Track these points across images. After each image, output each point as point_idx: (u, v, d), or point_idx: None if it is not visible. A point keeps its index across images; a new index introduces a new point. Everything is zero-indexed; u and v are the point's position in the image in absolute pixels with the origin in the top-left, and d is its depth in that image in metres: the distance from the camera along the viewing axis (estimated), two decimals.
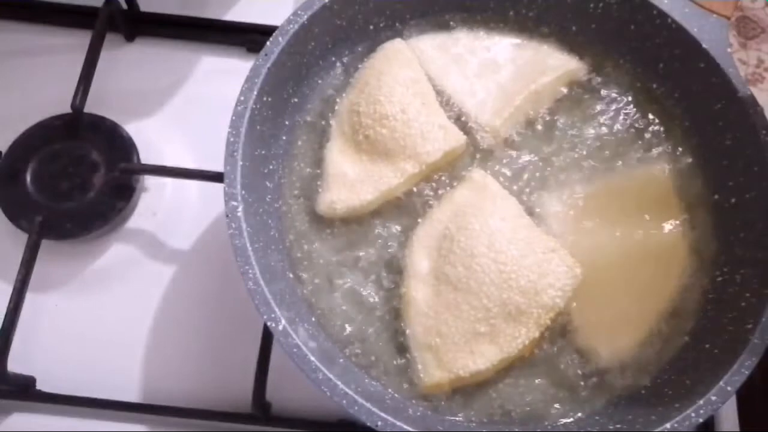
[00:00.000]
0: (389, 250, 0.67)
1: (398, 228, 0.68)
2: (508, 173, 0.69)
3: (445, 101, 0.70)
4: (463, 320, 0.60)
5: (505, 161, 0.70)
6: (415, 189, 0.68)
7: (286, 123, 0.70)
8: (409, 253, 0.64)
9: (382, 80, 0.68)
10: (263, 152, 0.66)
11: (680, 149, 0.71)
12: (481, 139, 0.70)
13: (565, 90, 0.73)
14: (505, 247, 0.61)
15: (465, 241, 0.62)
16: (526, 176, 0.69)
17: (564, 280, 0.61)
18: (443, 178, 0.69)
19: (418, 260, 0.63)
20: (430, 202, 0.68)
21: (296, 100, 0.71)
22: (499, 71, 0.71)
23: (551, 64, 0.72)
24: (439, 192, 0.68)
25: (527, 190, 0.69)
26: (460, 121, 0.70)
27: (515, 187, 0.69)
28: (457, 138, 0.67)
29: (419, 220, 0.67)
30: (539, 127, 0.72)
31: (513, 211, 0.65)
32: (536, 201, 0.68)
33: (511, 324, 0.60)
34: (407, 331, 0.63)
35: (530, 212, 0.67)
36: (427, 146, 0.66)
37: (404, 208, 0.68)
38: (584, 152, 0.71)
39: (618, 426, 0.59)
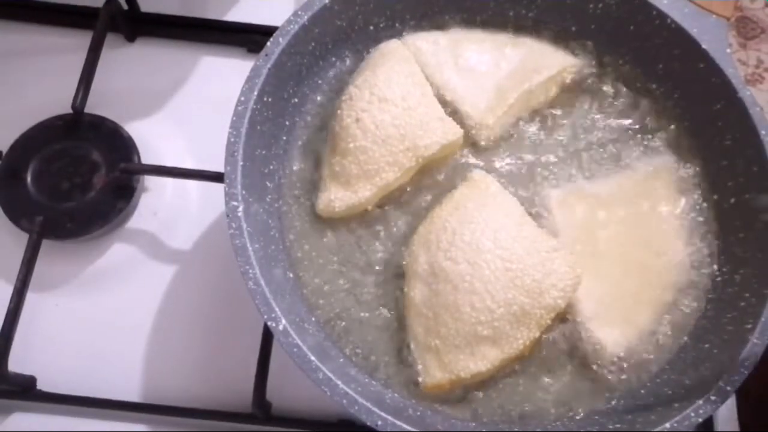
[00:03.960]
0: (389, 249, 0.67)
1: (398, 227, 0.68)
2: (504, 171, 0.70)
3: (442, 98, 0.70)
4: (464, 322, 0.60)
5: (501, 159, 0.70)
6: (414, 187, 0.68)
7: (287, 123, 0.71)
8: (409, 252, 0.64)
9: (378, 71, 0.67)
10: (263, 152, 0.66)
11: (680, 149, 0.71)
12: (475, 136, 0.70)
13: (563, 89, 0.73)
14: (510, 244, 0.61)
15: (470, 235, 0.61)
16: (522, 174, 0.70)
17: (566, 280, 0.61)
18: (441, 175, 0.69)
19: (417, 259, 0.63)
20: (430, 199, 0.68)
21: (296, 100, 0.71)
22: (495, 70, 0.71)
23: (547, 63, 0.72)
24: (439, 190, 0.69)
25: (525, 187, 0.69)
26: (455, 119, 0.70)
27: (512, 185, 0.69)
28: (455, 132, 0.67)
29: (419, 218, 0.67)
30: (536, 125, 0.72)
31: (515, 209, 0.64)
32: (535, 198, 0.68)
33: (514, 325, 0.60)
34: (408, 332, 0.63)
35: (530, 209, 0.67)
36: (425, 139, 0.65)
37: (404, 207, 0.68)
38: (583, 152, 0.71)
39: (618, 426, 0.59)
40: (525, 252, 0.61)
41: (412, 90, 0.67)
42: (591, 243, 0.65)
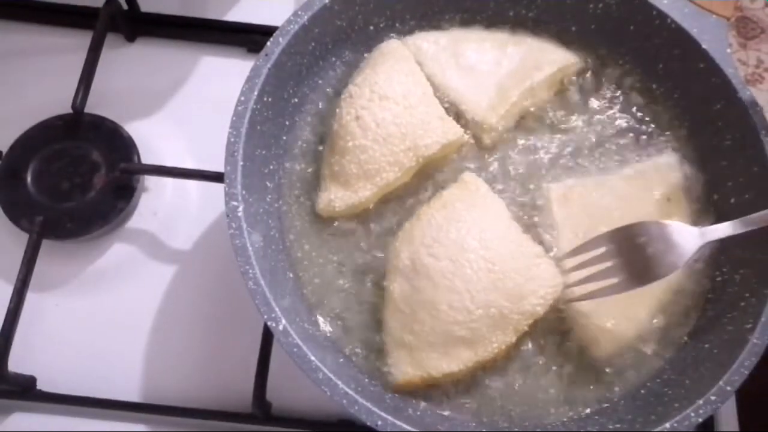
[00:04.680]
0: (389, 249, 0.67)
1: (398, 226, 0.67)
2: (505, 169, 0.70)
3: (443, 98, 0.70)
4: (441, 321, 0.59)
5: (502, 158, 0.70)
6: (414, 186, 0.68)
7: (286, 123, 0.71)
8: (392, 247, 0.64)
9: (378, 69, 0.67)
10: (263, 152, 0.66)
11: (680, 149, 0.71)
12: (478, 135, 0.70)
13: (563, 88, 0.73)
14: (495, 246, 0.60)
15: (455, 233, 0.61)
16: (523, 172, 0.70)
17: (547, 288, 0.61)
18: (442, 175, 0.69)
19: (399, 254, 0.63)
20: (430, 198, 0.68)
21: (296, 100, 0.71)
22: (496, 68, 0.71)
23: (548, 60, 0.72)
24: (439, 189, 0.68)
25: (525, 185, 0.69)
26: (458, 118, 0.70)
27: (512, 183, 0.69)
28: (455, 131, 0.67)
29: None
30: (538, 124, 0.72)
31: (503, 213, 0.64)
32: (535, 195, 0.68)
33: (491, 328, 0.59)
34: (383, 325, 0.63)
35: (530, 207, 0.67)
36: (426, 138, 0.65)
37: (404, 206, 0.68)
38: (583, 151, 0.71)
39: (618, 426, 0.59)
40: (509, 255, 0.60)
41: (413, 89, 0.67)
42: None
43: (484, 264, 0.59)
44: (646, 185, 0.68)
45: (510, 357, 0.63)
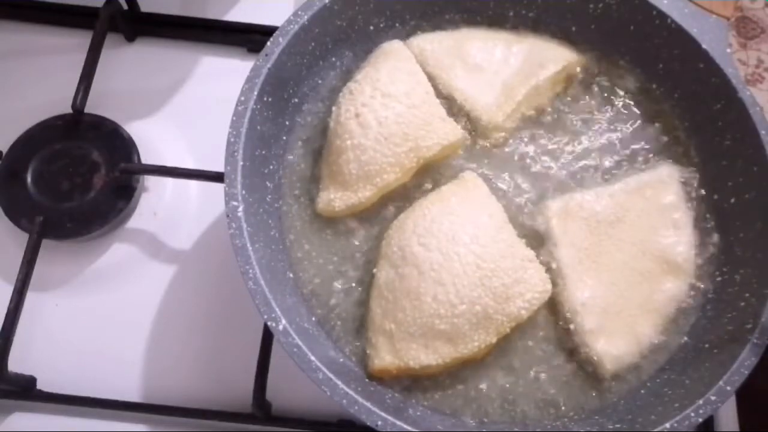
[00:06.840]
0: (383, 238, 0.66)
1: None
2: (509, 172, 0.70)
3: (448, 98, 0.70)
4: (422, 312, 0.59)
5: (506, 160, 0.70)
6: (415, 186, 0.68)
7: (287, 123, 0.71)
8: (386, 235, 0.64)
9: (380, 68, 0.67)
10: (263, 152, 0.66)
11: (680, 150, 0.71)
12: (484, 134, 0.70)
13: (565, 88, 0.73)
14: (487, 243, 0.60)
15: (448, 225, 0.60)
16: (528, 175, 0.69)
17: (534, 293, 0.60)
18: (443, 174, 0.69)
19: (390, 242, 0.62)
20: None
21: (296, 100, 0.71)
22: (501, 67, 0.71)
23: (551, 58, 0.71)
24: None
25: (528, 191, 0.69)
26: (463, 119, 0.70)
27: (514, 186, 0.69)
28: (456, 132, 0.67)
29: None
30: (540, 125, 0.72)
31: (499, 214, 0.64)
32: (539, 201, 0.68)
33: (473, 326, 0.59)
34: (367, 312, 0.63)
35: (529, 217, 0.67)
36: (428, 139, 0.65)
37: (404, 206, 0.68)
38: (585, 151, 0.71)
39: (618, 426, 0.59)
40: (500, 255, 0.60)
41: (416, 88, 0.66)
42: (593, 252, 0.65)
43: (474, 259, 0.59)
44: (646, 188, 0.68)
45: (511, 357, 0.63)
